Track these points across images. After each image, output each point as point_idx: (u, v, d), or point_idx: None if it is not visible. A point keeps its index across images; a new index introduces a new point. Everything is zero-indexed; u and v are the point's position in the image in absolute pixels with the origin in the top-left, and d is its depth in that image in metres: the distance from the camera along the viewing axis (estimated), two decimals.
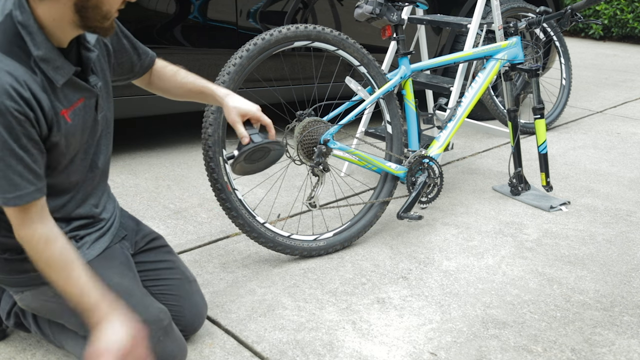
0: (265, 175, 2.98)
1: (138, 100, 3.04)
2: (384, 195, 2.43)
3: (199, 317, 1.76)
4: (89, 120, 1.46)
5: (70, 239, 1.49)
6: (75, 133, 1.42)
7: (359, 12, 2.35)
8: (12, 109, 1.23)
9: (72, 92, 1.39)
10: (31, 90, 1.27)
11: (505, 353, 1.77)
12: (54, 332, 1.62)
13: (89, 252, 1.54)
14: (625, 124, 4.10)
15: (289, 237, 2.22)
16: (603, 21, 7.45)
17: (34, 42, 1.27)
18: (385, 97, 2.41)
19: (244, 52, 2.10)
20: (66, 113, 1.37)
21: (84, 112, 1.44)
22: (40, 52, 1.28)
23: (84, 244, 1.54)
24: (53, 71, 1.32)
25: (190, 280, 1.78)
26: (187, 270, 1.79)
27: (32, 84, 1.28)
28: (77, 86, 1.40)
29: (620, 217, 2.67)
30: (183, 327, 1.71)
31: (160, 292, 1.71)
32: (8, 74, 1.24)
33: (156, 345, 1.54)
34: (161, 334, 1.55)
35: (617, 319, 1.94)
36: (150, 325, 1.53)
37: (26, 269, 1.47)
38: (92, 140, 1.51)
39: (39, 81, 1.29)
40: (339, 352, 1.75)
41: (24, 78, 1.26)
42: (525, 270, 2.22)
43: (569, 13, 2.68)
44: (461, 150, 3.52)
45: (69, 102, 1.38)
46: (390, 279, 2.15)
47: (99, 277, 1.47)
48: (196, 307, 1.74)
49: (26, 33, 1.27)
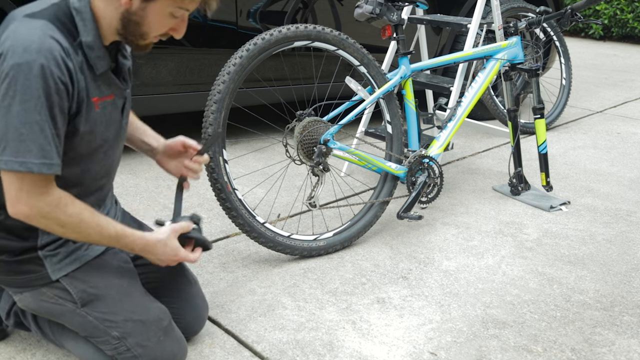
0: (265, 175, 2.98)
1: (138, 100, 3.04)
2: (384, 195, 2.43)
3: (200, 319, 1.76)
4: (114, 119, 1.49)
5: (67, 240, 1.49)
6: (101, 125, 1.43)
7: (359, 12, 2.35)
8: (56, 75, 1.26)
9: (106, 85, 1.43)
10: (73, 63, 1.32)
11: (505, 353, 1.77)
12: (54, 332, 1.62)
13: (87, 253, 1.53)
14: (625, 124, 4.10)
15: (289, 237, 2.22)
16: (603, 21, 7.45)
17: (85, 28, 1.34)
18: (385, 97, 2.41)
19: (244, 52, 2.10)
20: (97, 101, 1.40)
21: (112, 109, 1.47)
22: (89, 39, 1.35)
23: (82, 244, 1.53)
24: (95, 59, 1.37)
25: (192, 282, 1.77)
26: (188, 272, 1.79)
27: (74, 59, 1.32)
28: (111, 82, 1.45)
29: (620, 217, 2.67)
30: (183, 329, 1.71)
31: (162, 293, 1.70)
32: (56, 42, 1.28)
33: (156, 345, 1.54)
34: (161, 334, 1.55)
35: (617, 319, 1.94)
36: (150, 325, 1.54)
37: (24, 270, 1.47)
38: (115, 142, 1.52)
39: (79, 61, 1.34)
40: (339, 352, 1.75)
41: (68, 51, 1.31)
42: (525, 270, 2.22)
43: (569, 13, 2.68)
44: (461, 150, 3.52)
45: (101, 93, 1.41)
46: (390, 279, 2.15)
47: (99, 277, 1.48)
48: (197, 310, 1.75)
49: (80, 19, 1.34)
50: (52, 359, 1.70)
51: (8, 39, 1.26)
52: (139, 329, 1.52)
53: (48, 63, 1.25)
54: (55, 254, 1.48)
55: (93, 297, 1.50)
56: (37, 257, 1.46)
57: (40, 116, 1.26)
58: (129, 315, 1.52)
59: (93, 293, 1.50)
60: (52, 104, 1.27)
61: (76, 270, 1.50)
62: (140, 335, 1.52)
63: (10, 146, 1.26)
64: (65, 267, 1.49)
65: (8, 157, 1.26)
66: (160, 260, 1.55)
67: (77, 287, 1.49)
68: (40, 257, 1.47)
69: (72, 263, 1.50)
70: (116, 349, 1.52)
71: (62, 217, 1.36)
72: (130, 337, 1.51)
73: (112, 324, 1.50)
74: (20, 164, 1.27)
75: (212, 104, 2.05)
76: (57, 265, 1.48)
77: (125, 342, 1.51)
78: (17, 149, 1.26)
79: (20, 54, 1.24)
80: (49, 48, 1.26)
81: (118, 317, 1.51)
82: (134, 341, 1.51)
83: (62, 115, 1.31)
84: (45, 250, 1.47)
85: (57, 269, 1.48)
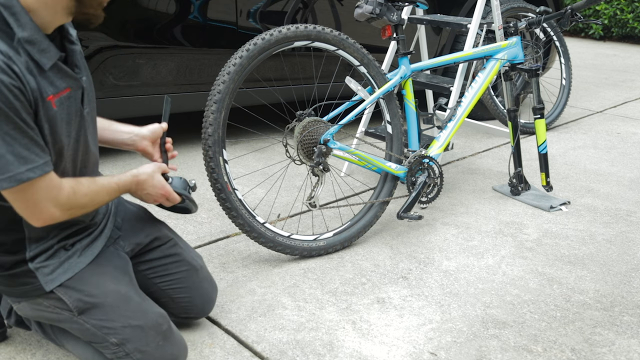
0: (265, 175, 2.98)
1: (138, 100, 3.04)
2: (384, 195, 2.43)
3: (210, 302, 1.81)
4: (75, 113, 1.41)
5: (59, 249, 1.48)
6: (61, 123, 1.37)
7: (359, 12, 2.35)
8: (8, 83, 1.21)
9: (59, 79, 1.35)
10: (18, 66, 1.24)
11: (505, 353, 1.77)
12: (55, 332, 1.62)
13: (80, 261, 1.52)
14: (625, 124, 4.10)
15: (289, 237, 2.22)
16: (603, 21, 7.44)
17: (18, 22, 1.24)
18: (385, 97, 2.41)
19: (244, 52, 2.10)
20: (52, 99, 1.33)
21: (70, 103, 1.39)
22: (26, 34, 1.25)
23: (75, 252, 1.52)
24: (39, 54, 1.28)
25: (198, 268, 1.78)
26: (193, 259, 1.79)
27: (17, 62, 1.24)
28: (64, 73, 1.36)
29: (620, 217, 2.67)
30: (195, 314, 1.79)
31: (170, 286, 1.73)
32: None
33: (155, 350, 1.53)
34: (160, 339, 1.55)
35: (617, 319, 1.94)
36: (149, 330, 1.53)
37: (18, 282, 1.47)
38: (80, 136, 1.45)
39: (23, 62, 1.26)
40: (339, 352, 1.75)
41: (9, 55, 1.23)
42: (525, 270, 2.22)
43: (569, 13, 2.68)
44: (461, 150, 3.52)
45: (56, 89, 1.34)
46: (390, 279, 2.15)
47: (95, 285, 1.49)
48: (206, 295, 1.78)
49: (9, 14, 1.24)
50: (52, 359, 1.70)
51: None
52: (137, 334, 1.51)
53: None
54: (46, 265, 1.47)
55: (89, 305, 1.49)
56: (29, 270, 1.45)
57: (8, 126, 1.22)
58: (126, 321, 1.50)
59: (89, 301, 1.49)
60: (17, 110, 1.23)
61: (70, 279, 1.49)
62: (139, 340, 1.51)
63: None
64: (58, 277, 1.48)
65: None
66: (149, 195, 1.60)
67: (72, 297, 1.48)
68: (32, 270, 1.45)
69: (65, 273, 1.49)
70: (115, 353, 1.52)
71: (81, 201, 1.41)
72: (129, 342, 1.50)
73: (110, 330, 1.50)
74: (9, 180, 1.25)
75: (212, 104, 2.05)
76: (49, 276, 1.47)
77: (124, 348, 1.51)
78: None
79: None
80: None
81: (116, 323, 1.50)
82: (132, 347, 1.51)
83: (30, 116, 1.27)
84: (35, 263, 1.46)
85: (50, 280, 1.47)
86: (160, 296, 1.73)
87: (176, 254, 1.76)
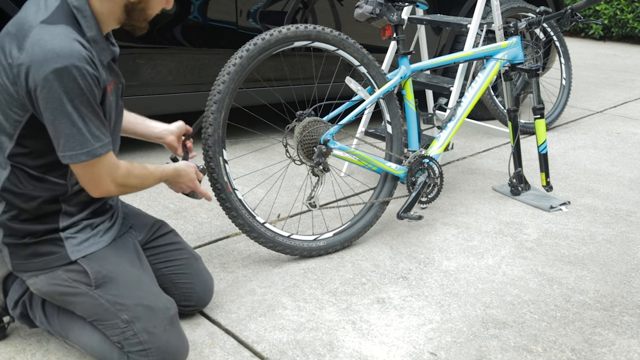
0: (265, 175, 2.98)
1: (137, 100, 3.04)
2: (384, 195, 2.43)
3: (209, 291, 1.89)
4: (116, 104, 1.61)
5: (87, 226, 1.60)
6: (111, 110, 1.57)
7: (359, 12, 2.35)
8: (91, 72, 1.41)
9: (109, 74, 1.54)
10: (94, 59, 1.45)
11: (505, 353, 1.77)
12: (61, 321, 1.65)
13: (102, 240, 1.63)
14: (625, 124, 4.10)
15: (289, 237, 2.22)
16: (603, 21, 7.45)
17: (88, 24, 1.46)
18: (385, 97, 2.41)
19: (244, 52, 2.10)
20: (109, 89, 1.53)
21: (115, 95, 1.61)
22: (93, 34, 1.47)
23: (98, 232, 1.63)
24: (100, 51, 1.49)
25: (197, 258, 1.90)
26: (192, 249, 1.92)
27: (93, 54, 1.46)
28: (112, 70, 1.58)
29: (620, 217, 2.67)
30: (195, 302, 1.86)
31: (172, 272, 1.82)
32: (79, 43, 1.41)
33: (162, 333, 1.59)
34: (167, 323, 1.61)
35: (617, 319, 1.94)
36: (159, 312, 1.60)
37: (43, 252, 1.56)
38: (117, 126, 1.66)
39: (94, 56, 1.47)
40: (339, 352, 1.75)
41: (90, 49, 1.45)
42: (525, 270, 2.22)
43: (569, 13, 2.68)
44: (461, 150, 3.52)
45: (108, 82, 1.54)
46: (390, 279, 2.15)
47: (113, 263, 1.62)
48: (206, 283, 1.88)
49: (81, 16, 1.45)
50: (52, 359, 1.70)
51: (35, 47, 1.37)
52: (147, 314, 1.58)
53: (82, 63, 1.38)
54: (74, 237, 1.58)
55: (107, 280, 1.58)
56: (59, 239, 1.57)
57: (87, 109, 1.42)
58: (139, 300, 1.58)
59: (107, 275, 1.58)
60: (94, 96, 1.43)
61: (93, 254, 1.60)
62: (149, 321, 1.57)
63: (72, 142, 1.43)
64: (84, 249, 1.59)
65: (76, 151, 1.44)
66: (185, 185, 1.84)
67: (94, 268, 1.57)
68: (62, 238, 1.57)
69: (90, 247, 1.60)
70: (123, 333, 1.57)
71: (132, 182, 1.60)
72: (139, 321, 1.57)
73: (122, 307, 1.57)
74: (87, 154, 1.45)
75: (212, 104, 2.06)
76: (76, 247, 1.58)
77: (133, 327, 1.56)
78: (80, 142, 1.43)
79: (55, 59, 1.36)
80: (78, 50, 1.39)
81: (129, 300, 1.58)
82: (141, 326, 1.57)
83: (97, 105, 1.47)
84: (66, 232, 1.57)
85: (77, 250, 1.57)
86: (164, 282, 1.81)
87: (178, 242, 1.88)
